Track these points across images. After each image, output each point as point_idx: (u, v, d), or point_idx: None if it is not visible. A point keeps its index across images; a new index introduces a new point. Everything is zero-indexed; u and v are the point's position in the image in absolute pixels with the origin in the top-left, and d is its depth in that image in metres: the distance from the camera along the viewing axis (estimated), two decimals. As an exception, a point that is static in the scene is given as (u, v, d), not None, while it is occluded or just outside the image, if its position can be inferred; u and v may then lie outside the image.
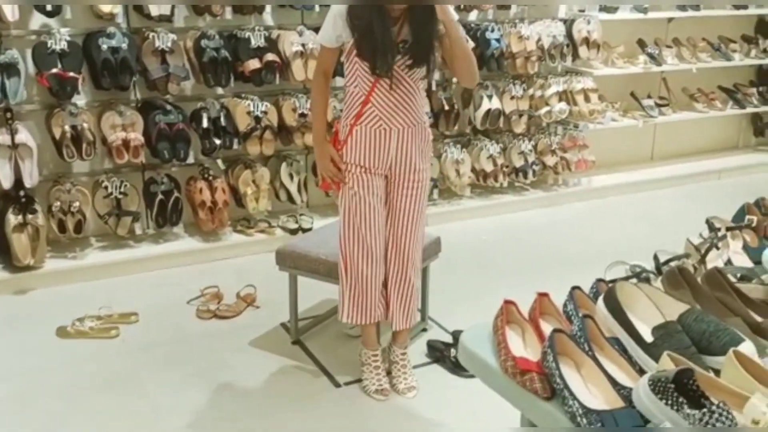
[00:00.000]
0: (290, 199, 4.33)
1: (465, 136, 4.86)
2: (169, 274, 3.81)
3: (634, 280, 1.62)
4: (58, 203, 3.74)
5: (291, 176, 4.31)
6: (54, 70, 3.54)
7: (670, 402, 1.17)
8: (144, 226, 4.00)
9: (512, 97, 4.74)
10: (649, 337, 1.40)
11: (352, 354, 2.98)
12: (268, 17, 4.20)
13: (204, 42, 3.86)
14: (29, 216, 3.63)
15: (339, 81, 3.80)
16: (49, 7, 3.54)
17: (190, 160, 4.01)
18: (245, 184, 4.14)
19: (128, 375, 2.90)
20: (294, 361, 3.04)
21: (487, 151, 4.72)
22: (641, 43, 5.40)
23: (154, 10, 3.74)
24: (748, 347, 1.34)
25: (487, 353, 1.50)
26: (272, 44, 4.06)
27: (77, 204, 3.76)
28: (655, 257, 1.82)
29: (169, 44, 3.78)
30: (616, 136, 5.44)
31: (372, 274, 2.70)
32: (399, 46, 2.46)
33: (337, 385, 2.87)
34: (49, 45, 3.58)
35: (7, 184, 3.58)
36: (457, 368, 2.89)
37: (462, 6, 4.49)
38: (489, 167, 4.74)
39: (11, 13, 3.46)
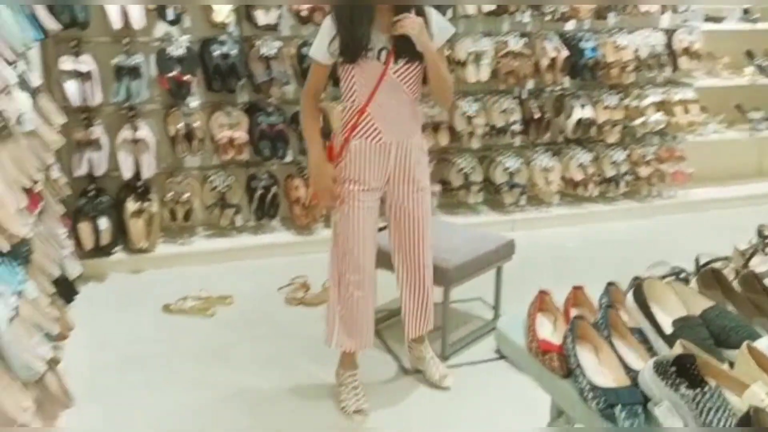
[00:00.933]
0: (381, 199, 4.54)
1: (556, 144, 4.90)
2: (263, 263, 4.11)
3: (670, 279, 1.69)
4: (171, 194, 4.14)
5: (382, 177, 4.52)
6: (172, 74, 3.93)
7: (669, 382, 1.26)
8: (244, 218, 4.33)
9: (606, 107, 4.74)
10: (669, 329, 1.48)
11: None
12: (367, 26, 4.44)
13: (305, 50, 4.15)
14: (145, 204, 4.04)
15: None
16: (171, 16, 3.93)
17: (289, 158, 4.30)
18: (339, 183, 4.39)
19: (219, 350, 3.20)
20: (371, 348, 3.23)
21: (577, 159, 4.75)
22: (750, 55, 5.24)
23: (262, 20, 4.06)
24: (764, 343, 1.40)
25: (518, 336, 1.63)
26: (369, 52, 4.29)
27: (187, 195, 4.15)
28: (696, 260, 1.87)
29: (274, 51, 4.09)
30: (718, 149, 5.30)
31: (366, 298, 2.65)
32: (394, 52, 2.39)
33: (406, 372, 3.04)
34: (169, 51, 3.97)
35: (128, 175, 4.00)
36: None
37: (557, 16, 4.55)
38: (579, 176, 4.76)
39: (138, 21, 3.87)
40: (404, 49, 2.38)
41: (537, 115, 4.66)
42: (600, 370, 1.42)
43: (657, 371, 1.29)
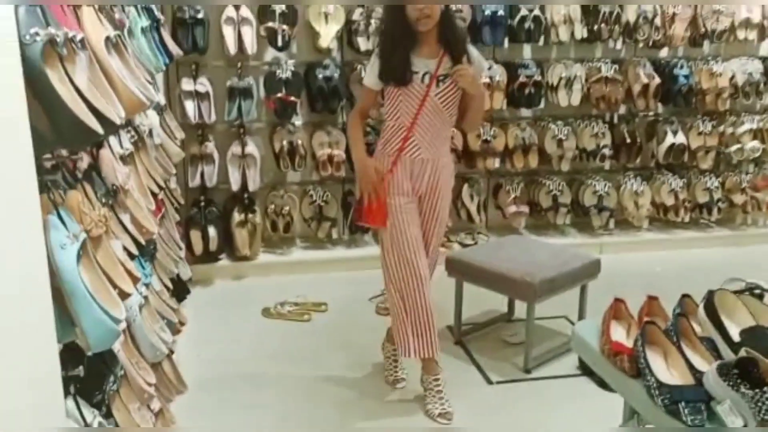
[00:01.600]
0: (469, 217, 4.71)
1: (647, 169, 4.92)
2: (356, 274, 4.33)
3: (744, 294, 1.77)
4: (273, 206, 4.44)
5: (471, 197, 4.69)
6: (279, 95, 4.25)
7: (731, 383, 1.37)
8: (340, 231, 4.58)
9: (700, 133, 4.73)
10: (737, 338, 1.58)
11: (508, 357, 3.28)
12: (462, 52, 4.64)
13: (403, 73, 4.38)
14: (250, 215, 4.36)
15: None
16: (279, 43, 4.26)
17: (384, 176, 4.52)
18: (429, 201, 4.58)
19: (312, 352, 3.43)
20: (454, 358, 3.38)
21: (668, 185, 4.75)
22: None
23: (363, 46, 4.33)
24: (830, 355, 1.48)
25: (593, 339, 1.75)
26: (463, 76, 4.48)
27: (287, 208, 4.44)
28: (773, 278, 1.93)
29: (373, 75, 4.34)
30: (821, 178, 5.15)
31: (428, 302, 2.77)
32: (438, 73, 2.62)
33: (490, 382, 3.17)
34: (277, 74, 4.30)
35: (236, 187, 4.33)
36: (602, 385, 3.05)
37: (650, 43, 4.60)
38: (670, 201, 4.76)
39: (251, 46, 4.21)
40: (447, 74, 2.63)
41: (628, 140, 4.70)
42: (668, 371, 1.53)
43: (720, 372, 1.40)
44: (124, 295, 1.58)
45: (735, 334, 1.59)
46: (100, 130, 1.35)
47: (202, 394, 2.96)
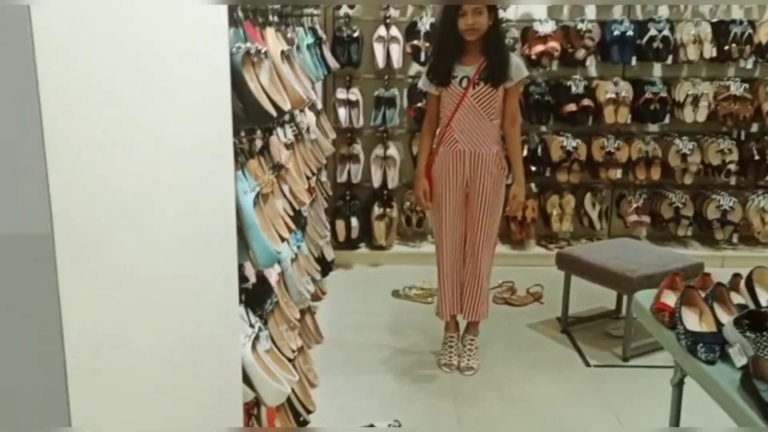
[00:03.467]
0: (591, 224, 5.00)
1: (778, 187, 4.97)
2: (479, 268, 4.78)
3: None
4: (408, 203, 5.00)
5: (594, 204, 4.99)
6: (419, 105, 4.80)
7: (741, 330, 1.71)
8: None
9: (834, 153, 4.73)
10: (765, 303, 1.89)
11: (609, 347, 3.61)
12: (591, 69, 4.97)
13: (532, 88, 4.79)
14: (388, 210, 4.94)
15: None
16: (423, 59, 4.82)
17: (510, 181, 4.93)
18: (552, 206, 4.95)
19: (432, 327, 3.89)
20: (559, 344, 3.74)
21: (798, 203, 4.79)
22: None
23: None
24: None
25: (647, 303, 2.12)
26: (590, 92, 4.82)
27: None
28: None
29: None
30: None
31: (452, 274, 3.34)
32: (476, 78, 3.05)
33: (588, 365, 3.51)
34: (419, 86, 4.84)
35: (377, 184, 4.93)
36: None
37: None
38: (798, 220, 4.79)
39: (397, 61, 4.80)
40: (482, 78, 3.07)
41: (757, 157, 4.80)
42: (698, 324, 1.88)
43: (735, 323, 1.74)
44: (282, 238, 2.17)
45: (764, 301, 1.90)
46: (274, 113, 1.93)
47: (334, 348, 3.55)
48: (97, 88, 1.19)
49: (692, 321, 1.89)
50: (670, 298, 2.08)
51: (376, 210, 4.93)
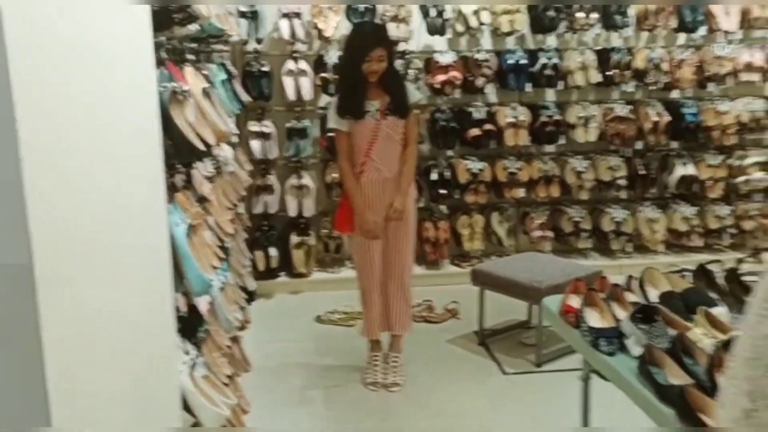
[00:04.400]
0: (499, 242, 5.28)
1: (663, 199, 5.42)
2: (397, 289, 4.95)
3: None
4: (325, 230, 5.12)
5: (501, 223, 5.28)
6: (330, 134, 4.96)
7: (635, 323, 1.94)
8: (383, 253, 5.21)
9: (709, 165, 5.22)
10: (654, 300, 2.14)
11: (522, 355, 3.84)
12: (491, 95, 5.29)
13: (437, 115, 5.05)
14: (305, 238, 5.05)
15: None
16: (331, 90, 4.98)
17: (421, 204, 5.16)
18: (463, 227, 5.20)
19: (356, 350, 4.03)
20: (476, 355, 3.95)
21: (681, 213, 5.23)
22: None
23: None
24: (718, 310, 2.02)
25: (555, 307, 2.33)
26: (491, 117, 5.12)
27: (338, 233, 5.11)
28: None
29: (412, 116, 5.02)
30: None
31: (375, 298, 3.56)
32: (385, 110, 3.33)
33: (505, 373, 3.72)
34: (328, 125, 4.99)
35: (293, 213, 5.04)
36: (602, 377, 3.57)
37: (663, 86, 5.15)
38: (683, 227, 5.23)
39: (308, 93, 4.95)
40: (390, 110, 3.34)
41: (642, 172, 5.23)
42: (600, 321, 2.10)
43: (630, 317, 1.96)
44: (213, 268, 2.25)
45: (653, 297, 2.15)
46: (203, 147, 2.04)
47: (262, 375, 3.61)
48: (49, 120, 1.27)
49: (594, 319, 2.11)
50: (574, 301, 2.30)
51: (294, 239, 5.03)
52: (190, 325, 2.28)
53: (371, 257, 3.50)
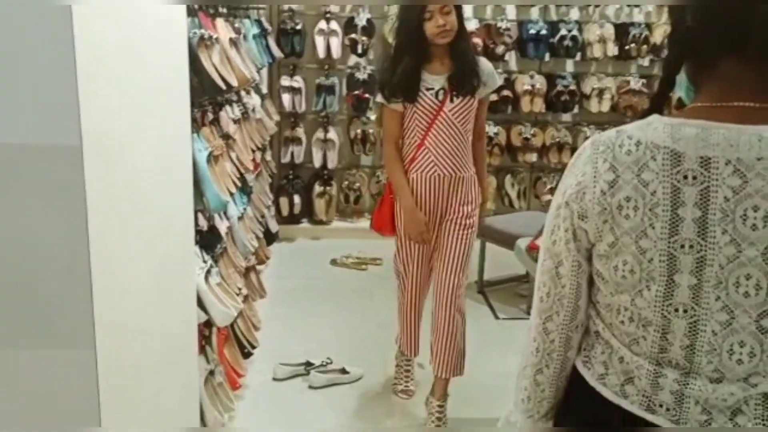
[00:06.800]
0: (510, 203, 5.58)
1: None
2: (409, 240, 5.30)
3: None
4: (346, 182, 5.49)
5: (513, 185, 5.56)
6: (357, 92, 5.29)
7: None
8: (400, 206, 5.55)
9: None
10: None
11: (516, 304, 4.18)
12: (511, 63, 5.55)
13: (458, 79, 5.33)
14: (327, 188, 5.41)
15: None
16: (359, 51, 5.30)
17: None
18: (476, 187, 5.50)
19: (366, 290, 4.42)
20: (474, 302, 4.29)
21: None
22: None
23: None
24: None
25: (524, 246, 2.66)
26: (510, 84, 5.38)
27: (358, 185, 5.47)
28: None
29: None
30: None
31: (414, 310, 2.94)
32: (452, 88, 2.55)
33: (497, 317, 4.07)
34: (356, 75, 5.34)
35: (318, 165, 5.40)
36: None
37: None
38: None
39: (337, 52, 5.27)
40: (459, 88, 2.57)
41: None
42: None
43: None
44: (230, 192, 2.63)
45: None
46: (224, 86, 2.40)
47: (276, 302, 4.02)
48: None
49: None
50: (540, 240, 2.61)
51: (317, 188, 5.40)
52: (210, 241, 2.66)
53: (414, 269, 2.84)
